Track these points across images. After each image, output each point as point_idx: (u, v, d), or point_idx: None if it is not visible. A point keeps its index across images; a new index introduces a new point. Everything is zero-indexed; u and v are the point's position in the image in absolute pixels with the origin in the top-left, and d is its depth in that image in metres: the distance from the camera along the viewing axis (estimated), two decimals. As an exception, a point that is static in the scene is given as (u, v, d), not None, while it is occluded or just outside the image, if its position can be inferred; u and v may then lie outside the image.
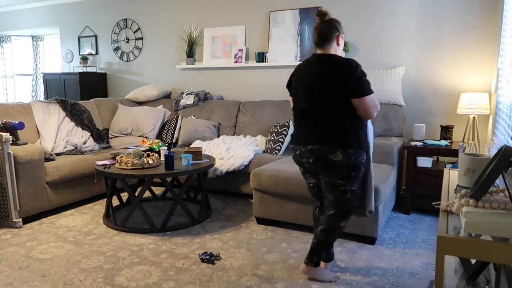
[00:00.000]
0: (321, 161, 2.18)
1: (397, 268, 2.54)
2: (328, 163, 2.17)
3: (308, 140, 2.21)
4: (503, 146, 1.26)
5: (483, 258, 1.16)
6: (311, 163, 2.22)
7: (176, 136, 4.59)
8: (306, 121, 2.23)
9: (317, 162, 2.19)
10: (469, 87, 3.77)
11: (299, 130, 2.28)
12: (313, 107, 2.19)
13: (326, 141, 2.15)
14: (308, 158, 2.22)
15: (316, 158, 2.19)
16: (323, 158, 2.17)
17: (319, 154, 2.17)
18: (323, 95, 2.15)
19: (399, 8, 3.97)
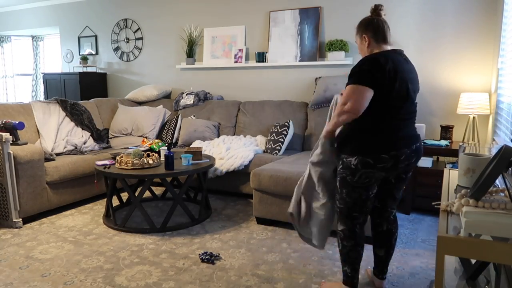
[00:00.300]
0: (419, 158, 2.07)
1: (397, 268, 2.54)
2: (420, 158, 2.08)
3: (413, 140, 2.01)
4: (503, 146, 1.26)
5: (483, 258, 1.16)
6: (412, 163, 2.03)
7: (176, 136, 4.59)
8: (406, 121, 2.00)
9: (417, 161, 2.06)
10: (469, 87, 3.77)
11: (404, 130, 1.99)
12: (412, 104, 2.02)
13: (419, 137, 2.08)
14: (410, 159, 2.00)
15: (418, 156, 2.05)
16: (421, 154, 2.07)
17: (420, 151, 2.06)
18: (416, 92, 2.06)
19: (399, 8, 3.97)
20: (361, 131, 1.98)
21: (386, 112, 1.94)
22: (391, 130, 1.96)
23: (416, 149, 2.01)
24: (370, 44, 2.03)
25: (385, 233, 2.22)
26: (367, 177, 1.99)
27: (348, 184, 2.03)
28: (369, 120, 1.96)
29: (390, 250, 2.22)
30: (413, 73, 2.01)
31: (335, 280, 2.39)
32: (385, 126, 1.96)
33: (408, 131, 2.00)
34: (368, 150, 1.95)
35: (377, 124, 1.95)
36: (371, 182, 2.01)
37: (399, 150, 1.94)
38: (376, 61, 1.90)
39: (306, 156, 3.70)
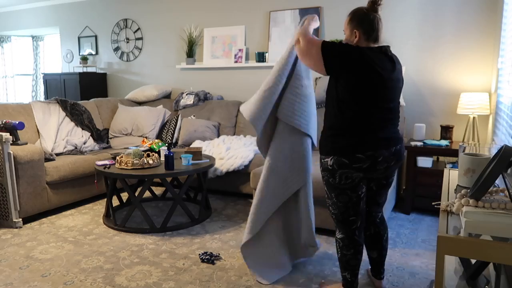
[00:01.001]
0: (399, 161, 2.02)
1: (397, 268, 2.54)
2: (401, 162, 2.04)
3: (392, 142, 1.96)
4: (503, 146, 1.26)
5: (483, 258, 1.16)
6: (392, 167, 2.00)
7: (176, 136, 4.59)
8: (386, 122, 1.96)
9: (397, 164, 2.02)
10: (469, 87, 3.77)
11: (383, 132, 1.94)
12: (392, 106, 1.98)
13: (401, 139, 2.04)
14: (389, 162, 1.97)
15: (398, 160, 2.01)
16: (401, 157, 2.02)
17: (400, 154, 2.01)
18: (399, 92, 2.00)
19: (399, 8, 3.97)
20: (338, 131, 1.94)
21: (363, 112, 1.89)
22: (368, 130, 1.91)
23: (396, 152, 1.97)
24: (359, 40, 1.93)
25: (374, 236, 2.21)
26: (347, 177, 1.95)
27: (334, 187, 2.00)
28: (346, 120, 1.92)
29: (382, 251, 2.22)
30: (394, 73, 1.93)
31: (335, 280, 2.39)
32: (362, 127, 1.91)
33: (388, 132, 1.95)
34: (343, 150, 1.92)
35: (354, 124, 1.91)
36: (354, 182, 1.97)
37: (376, 151, 1.91)
38: (348, 47, 1.86)
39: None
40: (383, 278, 2.28)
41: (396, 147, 1.96)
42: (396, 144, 1.97)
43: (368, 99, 1.88)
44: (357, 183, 1.98)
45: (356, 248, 2.06)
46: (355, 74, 1.84)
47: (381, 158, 1.92)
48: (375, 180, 2.08)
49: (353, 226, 2.05)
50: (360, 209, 2.03)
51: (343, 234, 2.07)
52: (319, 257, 2.69)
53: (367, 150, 1.90)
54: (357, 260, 2.07)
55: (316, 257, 2.70)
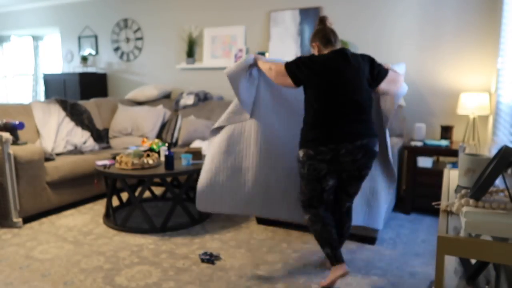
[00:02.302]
0: (368, 155, 2.19)
1: (397, 268, 2.54)
2: (373, 155, 2.22)
3: (356, 136, 2.15)
4: (503, 146, 1.27)
5: (483, 258, 1.16)
6: (359, 160, 2.17)
7: (176, 136, 4.59)
8: (349, 117, 2.16)
9: (365, 158, 2.19)
10: (469, 87, 3.77)
11: (347, 126, 2.15)
12: (355, 102, 2.18)
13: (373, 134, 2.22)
14: (355, 155, 2.15)
15: (366, 153, 2.18)
16: (370, 151, 2.20)
17: (368, 148, 2.18)
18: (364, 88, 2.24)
19: (399, 8, 3.98)
20: (307, 125, 2.22)
21: (326, 108, 2.15)
22: (330, 124, 2.14)
23: (362, 146, 2.14)
24: (319, 49, 2.28)
25: (336, 222, 2.42)
26: (314, 169, 2.19)
27: (303, 177, 2.25)
28: (312, 114, 2.19)
29: (341, 238, 2.44)
30: (349, 68, 2.16)
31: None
32: (325, 121, 2.15)
33: (352, 127, 2.14)
34: (309, 143, 2.17)
35: (318, 118, 2.16)
36: (320, 174, 2.20)
37: (338, 144, 2.12)
38: (304, 60, 2.19)
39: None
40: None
41: (362, 141, 2.14)
42: (362, 139, 2.15)
43: (325, 94, 2.15)
44: (323, 175, 2.21)
45: (322, 221, 2.28)
46: (309, 77, 2.18)
47: (343, 150, 2.14)
48: (347, 171, 2.24)
49: (317, 209, 2.31)
50: (324, 199, 2.29)
51: (309, 214, 2.32)
52: (319, 257, 2.69)
53: (329, 143, 2.13)
54: (328, 232, 2.26)
55: (316, 257, 2.70)
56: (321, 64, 2.16)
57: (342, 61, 2.17)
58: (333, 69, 2.15)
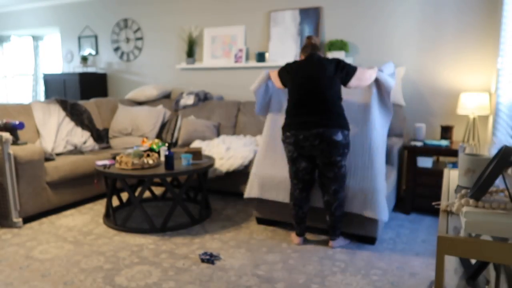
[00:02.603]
0: (326, 142, 2.62)
1: (397, 268, 2.54)
2: (332, 143, 2.63)
3: (311, 125, 2.63)
4: (503, 146, 1.26)
5: (483, 258, 1.16)
6: (318, 146, 2.63)
7: (176, 136, 4.59)
8: (306, 108, 2.70)
9: (323, 145, 2.62)
10: (469, 87, 3.77)
11: (304, 117, 2.69)
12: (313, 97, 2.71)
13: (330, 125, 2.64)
14: (312, 141, 2.63)
15: (323, 141, 2.62)
16: (327, 139, 2.61)
17: (324, 136, 2.61)
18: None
19: (399, 9, 3.98)
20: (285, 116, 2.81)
21: (291, 102, 2.76)
22: (292, 115, 2.73)
23: (319, 134, 2.60)
24: (300, 57, 2.89)
25: (326, 203, 2.77)
26: (288, 150, 2.77)
27: (286, 157, 2.87)
28: (286, 106, 2.84)
29: (331, 216, 2.77)
30: (317, 71, 2.68)
31: (335, 280, 2.39)
32: (290, 112, 2.75)
33: (309, 117, 2.63)
34: (282, 129, 2.78)
35: (288, 109, 2.77)
36: (293, 156, 2.75)
37: (296, 130, 2.67)
38: (286, 66, 2.86)
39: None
40: (333, 239, 2.83)
41: (318, 129, 2.60)
42: (318, 127, 2.60)
43: (290, 91, 2.78)
44: (295, 157, 2.75)
45: (294, 201, 2.84)
46: (286, 78, 2.85)
47: (301, 136, 2.65)
48: (318, 157, 2.70)
49: (295, 186, 2.82)
50: (299, 178, 2.79)
51: (290, 190, 2.87)
52: (319, 257, 2.69)
53: (290, 130, 2.71)
54: (295, 211, 2.85)
55: (316, 257, 2.70)
56: (294, 67, 2.79)
57: (309, 64, 2.74)
58: (301, 70, 2.74)
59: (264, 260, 2.65)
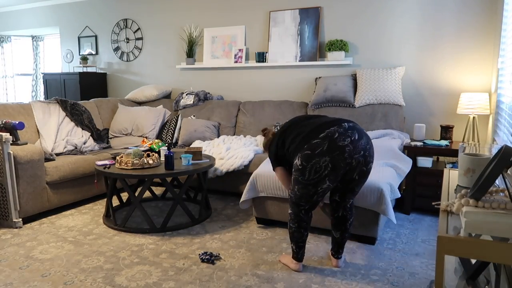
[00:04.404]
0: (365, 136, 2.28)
1: (397, 268, 2.54)
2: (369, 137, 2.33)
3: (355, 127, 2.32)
4: (503, 146, 1.26)
5: (483, 258, 1.16)
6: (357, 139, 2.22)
7: (176, 136, 4.59)
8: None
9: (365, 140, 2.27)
10: (469, 87, 3.77)
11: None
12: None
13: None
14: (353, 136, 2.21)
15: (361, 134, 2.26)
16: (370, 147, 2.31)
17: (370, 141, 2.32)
18: None
19: (399, 8, 3.97)
20: None
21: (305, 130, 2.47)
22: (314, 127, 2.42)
23: (351, 127, 2.28)
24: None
25: (340, 218, 2.48)
26: (319, 166, 2.32)
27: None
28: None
29: (344, 233, 2.51)
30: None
31: (335, 280, 2.39)
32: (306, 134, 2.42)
33: (328, 118, 2.43)
34: (303, 145, 2.36)
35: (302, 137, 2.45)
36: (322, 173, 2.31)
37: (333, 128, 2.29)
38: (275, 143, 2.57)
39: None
40: (340, 258, 2.56)
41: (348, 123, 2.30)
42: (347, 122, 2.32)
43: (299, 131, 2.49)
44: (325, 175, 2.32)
45: (298, 223, 2.42)
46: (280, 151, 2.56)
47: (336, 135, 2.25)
48: (358, 167, 2.30)
49: (300, 209, 2.40)
50: (311, 201, 2.36)
51: (291, 210, 2.44)
52: (319, 257, 2.69)
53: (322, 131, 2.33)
54: (300, 234, 2.44)
55: (316, 257, 2.70)
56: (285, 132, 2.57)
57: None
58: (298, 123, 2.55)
59: (264, 260, 2.65)
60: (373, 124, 3.88)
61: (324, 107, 4.14)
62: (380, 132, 3.70)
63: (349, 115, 3.98)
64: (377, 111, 3.90)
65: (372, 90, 3.91)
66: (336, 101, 4.05)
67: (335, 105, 4.08)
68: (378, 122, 3.86)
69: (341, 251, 2.54)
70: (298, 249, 2.47)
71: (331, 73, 4.39)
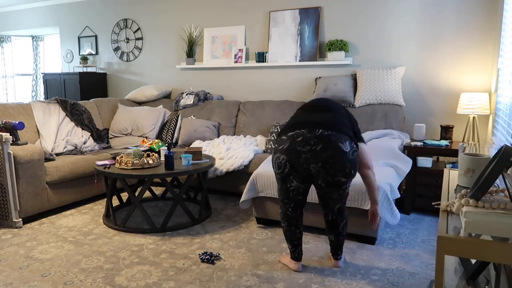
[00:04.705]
0: (331, 149, 2.18)
1: (397, 268, 2.54)
2: (338, 153, 2.19)
3: (317, 125, 2.26)
4: (503, 146, 1.26)
5: (483, 258, 1.16)
6: (318, 152, 2.19)
7: (176, 136, 4.59)
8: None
9: (324, 151, 2.18)
10: (469, 87, 3.77)
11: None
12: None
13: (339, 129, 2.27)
14: (315, 145, 2.20)
15: (325, 145, 2.19)
16: (334, 145, 2.20)
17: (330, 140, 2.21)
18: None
19: (399, 8, 3.97)
20: None
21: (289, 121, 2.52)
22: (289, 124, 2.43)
23: (323, 137, 2.23)
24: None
25: (331, 222, 2.47)
26: (278, 164, 2.38)
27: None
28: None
29: (338, 236, 2.49)
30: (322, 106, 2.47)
31: (335, 280, 2.40)
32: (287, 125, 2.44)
33: (313, 118, 2.36)
34: (276, 139, 2.46)
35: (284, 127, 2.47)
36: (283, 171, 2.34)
37: (294, 132, 2.32)
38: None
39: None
40: (339, 259, 2.56)
41: (324, 131, 2.24)
42: (324, 129, 2.26)
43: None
44: (286, 174, 2.32)
45: (288, 221, 2.45)
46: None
47: (300, 138, 2.26)
48: (320, 175, 2.26)
49: (286, 206, 2.43)
50: (290, 198, 2.39)
51: (281, 210, 2.49)
52: (319, 257, 2.69)
53: (287, 133, 2.37)
54: (292, 232, 2.46)
55: (316, 257, 2.70)
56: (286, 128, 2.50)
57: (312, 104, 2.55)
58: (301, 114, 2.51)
59: (264, 260, 2.65)
60: (373, 124, 3.88)
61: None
62: (380, 132, 3.70)
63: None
64: (377, 111, 3.90)
65: (372, 90, 3.91)
66: (336, 101, 4.05)
67: (335, 105, 4.08)
68: (378, 122, 3.86)
69: (339, 252, 2.54)
70: (294, 248, 2.48)
71: (331, 73, 4.39)
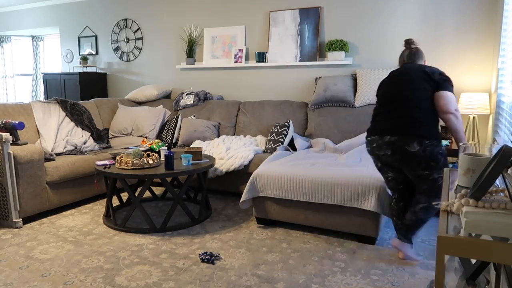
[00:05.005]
0: (399, 153, 2.38)
1: (397, 268, 2.54)
2: (406, 155, 2.36)
3: (383, 132, 2.44)
4: (503, 146, 1.26)
5: (483, 258, 1.16)
6: (391, 157, 2.42)
7: (176, 136, 4.59)
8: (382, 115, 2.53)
9: (394, 156, 2.40)
10: (469, 87, 3.77)
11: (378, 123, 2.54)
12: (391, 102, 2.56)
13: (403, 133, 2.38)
14: (385, 151, 2.43)
15: (394, 151, 2.39)
16: (401, 150, 2.37)
17: (393, 146, 2.39)
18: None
19: (399, 9, 3.97)
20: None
21: (376, 109, 2.58)
22: (372, 120, 2.58)
23: (390, 143, 2.38)
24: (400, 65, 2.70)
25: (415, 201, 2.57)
26: (373, 160, 2.61)
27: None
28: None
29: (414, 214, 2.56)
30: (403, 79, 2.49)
31: (335, 280, 2.39)
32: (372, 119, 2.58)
33: (384, 123, 2.44)
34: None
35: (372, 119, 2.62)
36: (377, 166, 2.61)
37: (370, 138, 2.50)
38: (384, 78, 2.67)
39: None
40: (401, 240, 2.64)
41: (390, 137, 2.38)
42: (390, 135, 2.38)
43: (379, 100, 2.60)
44: (379, 168, 2.60)
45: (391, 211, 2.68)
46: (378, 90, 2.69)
47: (374, 144, 2.47)
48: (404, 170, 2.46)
49: (391, 197, 2.69)
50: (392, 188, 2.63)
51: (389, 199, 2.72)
52: (319, 257, 2.69)
53: (368, 136, 2.54)
54: (395, 222, 2.67)
55: (316, 257, 2.70)
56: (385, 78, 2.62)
57: (399, 75, 2.53)
58: (389, 79, 2.58)
59: (264, 260, 2.65)
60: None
61: (324, 107, 4.14)
62: None
63: (349, 115, 3.98)
64: (377, 111, 3.90)
65: (372, 90, 3.91)
66: (336, 101, 4.05)
67: (335, 105, 4.08)
68: (378, 122, 3.86)
69: (405, 233, 2.61)
70: (396, 231, 2.68)
71: (331, 73, 4.39)
